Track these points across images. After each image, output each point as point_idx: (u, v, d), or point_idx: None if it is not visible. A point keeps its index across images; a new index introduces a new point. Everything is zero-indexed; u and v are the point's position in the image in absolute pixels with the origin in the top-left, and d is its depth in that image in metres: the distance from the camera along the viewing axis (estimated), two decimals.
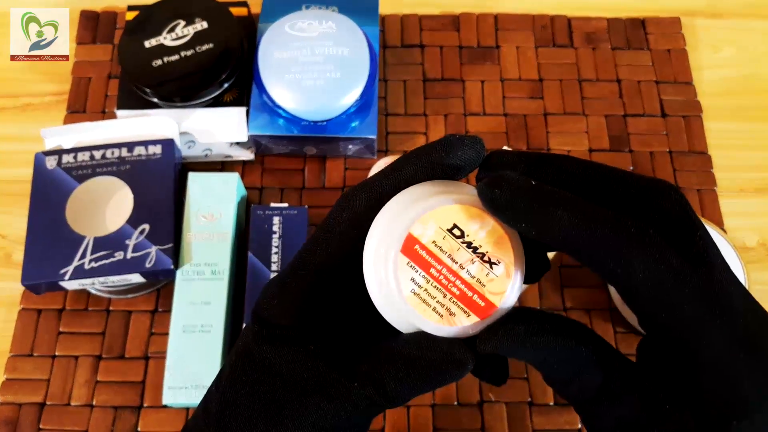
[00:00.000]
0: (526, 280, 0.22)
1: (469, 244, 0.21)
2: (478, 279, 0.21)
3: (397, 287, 0.21)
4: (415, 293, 0.21)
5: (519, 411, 0.49)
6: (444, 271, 0.21)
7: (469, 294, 0.21)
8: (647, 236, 0.20)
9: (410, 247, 0.21)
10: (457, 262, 0.21)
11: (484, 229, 0.21)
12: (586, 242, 0.20)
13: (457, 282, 0.21)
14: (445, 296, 0.21)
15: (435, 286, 0.21)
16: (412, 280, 0.21)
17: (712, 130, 0.59)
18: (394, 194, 0.22)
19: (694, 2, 0.65)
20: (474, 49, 0.61)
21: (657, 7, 0.64)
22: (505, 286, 0.22)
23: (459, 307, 0.21)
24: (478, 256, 0.21)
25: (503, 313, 0.22)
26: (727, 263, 0.21)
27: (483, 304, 0.22)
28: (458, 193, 0.22)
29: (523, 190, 0.20)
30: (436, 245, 0.21)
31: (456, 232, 0.21)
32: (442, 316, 0.21)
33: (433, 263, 0.21)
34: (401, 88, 0.60)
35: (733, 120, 0.60)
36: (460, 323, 0.21)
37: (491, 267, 0.22)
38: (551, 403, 0.49)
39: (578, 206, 0.20)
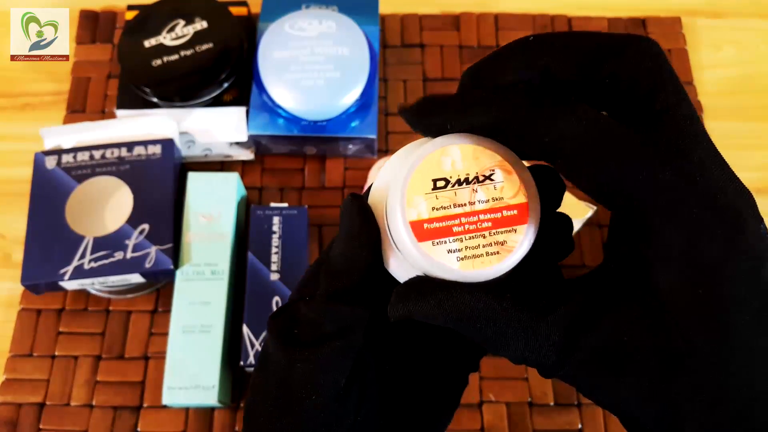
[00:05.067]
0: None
1: (458, 182, 0.20)
2: (492, 197, 0.20)
3: (447, 267, 0.20)
4: (461, 259, 0.20)
5: (519, 411, 0.49)
6: (464, 219, 0.20)
7: (498, 215, 0.20)
8: (565, 102, 0.19)
9: (421, 232, 0.20)
10: (465, 204, 0.20)
11: (457, 160, 0.21)
12: (510, 122, 0.19)
13: (482, 216, 0.20)
14: (485, 237, 0.20)
15: (470, 237, 0.20)
16: (449, 251, 0.20)
17: (713, 129, 0.59)
18: None
19: (694, 2, 0.65)
20: (474, 48, 0.61)
21: (658, 7, 0.64)
22: (516, 182, 0.20)
23: (503, 233, 0.20)
24: (473, 183, 0.20)
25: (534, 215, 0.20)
26: (704, 132, 0.19)
27: (516, 211, 0.20)
28: (408, 158, 0.21)
29: (445, 98, 0.21)
30: (436, 210, 0.20)
31: (440, 184, 0.20)
32: (498, 253, 0.20)
33: (450, 222, 0.20)
34: (401, 88, 0.60)
35: (733, 119, 0.60)
36: (515, 242, 0.20)
37: (491, 180, 0.20)
38: (551, 403, 0.49)
39: (492, 98, 0.20)
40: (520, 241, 0.20)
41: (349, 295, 0.22)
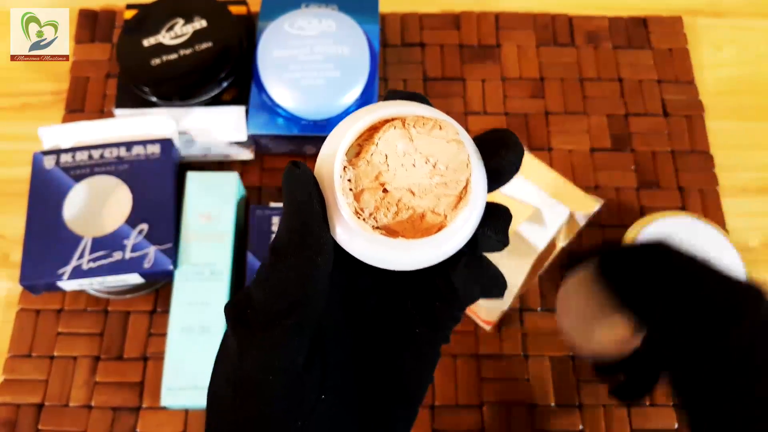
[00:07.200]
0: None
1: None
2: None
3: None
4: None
5: (519, 412, 0.48)
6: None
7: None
8: None
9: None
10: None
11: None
12: None
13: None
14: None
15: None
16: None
17: (714, 129, 0.59)
18: None
19: (695, 1, 0.64)
20: (475, 48, 0.61)
21: (659, 6, 0.64)
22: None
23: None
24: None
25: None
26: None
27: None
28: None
29: None
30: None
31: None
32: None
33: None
34: (401, 88, 0.60)
35: (735, 119, 0.59)
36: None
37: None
38: (552, 404, 0.49)
39: None
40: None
41: (297, 269, 0.20)
